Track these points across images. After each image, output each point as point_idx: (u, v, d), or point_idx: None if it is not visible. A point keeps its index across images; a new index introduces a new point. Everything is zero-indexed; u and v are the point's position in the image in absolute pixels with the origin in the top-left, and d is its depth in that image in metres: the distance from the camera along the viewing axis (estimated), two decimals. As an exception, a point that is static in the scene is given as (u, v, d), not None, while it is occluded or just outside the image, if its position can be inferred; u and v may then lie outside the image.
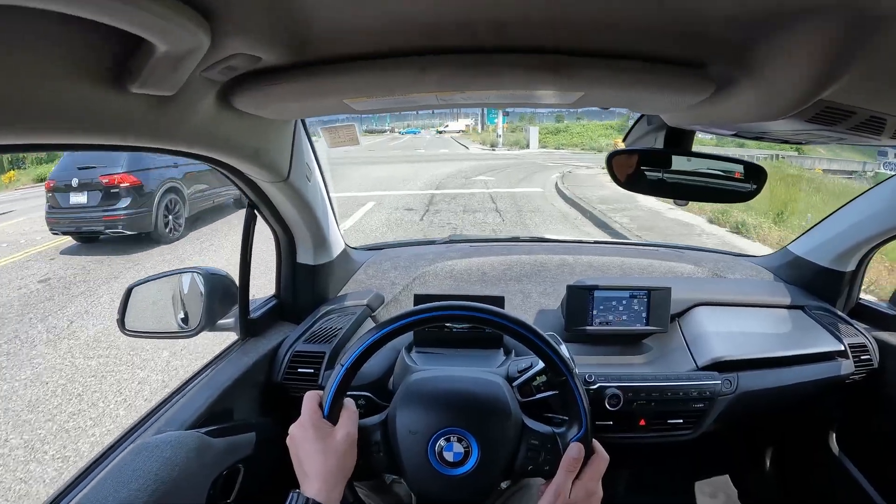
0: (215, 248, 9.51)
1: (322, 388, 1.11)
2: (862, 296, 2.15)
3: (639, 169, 1.34)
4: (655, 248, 2.49)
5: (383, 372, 1.63)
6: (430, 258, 2.15)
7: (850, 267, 2.06)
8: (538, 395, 1.31)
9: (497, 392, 1.13)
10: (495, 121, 39.46)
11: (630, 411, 1.65)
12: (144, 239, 9.89)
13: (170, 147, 0.98)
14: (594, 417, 1.56)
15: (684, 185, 1.35)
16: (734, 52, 0.79)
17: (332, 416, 1.02)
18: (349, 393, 1.10)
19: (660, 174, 1.34)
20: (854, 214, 1.99)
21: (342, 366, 1.02)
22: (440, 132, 62.45)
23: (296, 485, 0.97)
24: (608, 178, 1.35)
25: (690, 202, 1.45)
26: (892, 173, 2.10)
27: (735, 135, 1.18)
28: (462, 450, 1.04)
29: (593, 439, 1.04)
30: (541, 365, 1.38)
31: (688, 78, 0.86)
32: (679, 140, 1.31)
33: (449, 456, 1.04)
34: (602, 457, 1.03)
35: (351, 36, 0.78)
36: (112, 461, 1.17)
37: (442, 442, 1.04)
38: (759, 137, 1.18)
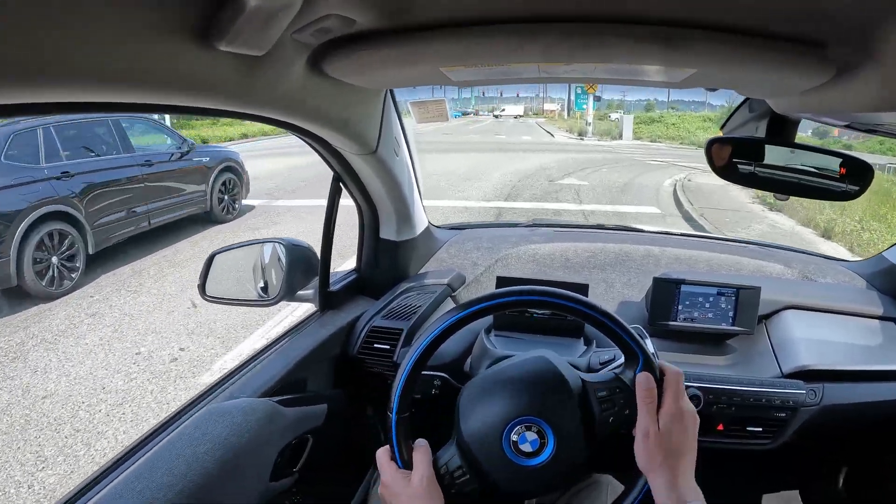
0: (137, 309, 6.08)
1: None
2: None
3: (731, 159, 1.29)
4: (744, 244, 2.40)
5: (461, 351, 1.62)
6: (514, 241, 2.13)
7: None
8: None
9: (546, 365, 1.09)
10: (584, 107, 36.85)
11: (709, 414, 1.60)
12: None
13: (257, 112, 0.99)
14: None
15: (779, 180, 1.29)
16: (859, 34, 0.74)
17: (407, 462, 1.02)
18: (424, 373, 1.09)
19: (751, 167, 1.28)
20: None
21: (391, 412, 1.02)
22: (497, 116, 60.24)
23: (358, 459, 0.97)
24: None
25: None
26: None
27: (847, 126, 1.12)
28: (536, 436, 1.01)
29: (659, 360, 1.04)
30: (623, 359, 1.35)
31: (807, 59, 0.81)
32: (781, 130, 1.27)
33: (526, 447, 1.01)
34: (673, 373, 1.02)
35: (450, 0, 0.76)
36: (183, 423, 1.20)
37: (514, 435, 1.01)
38: (872, 130, 1.12)
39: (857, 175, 1.26)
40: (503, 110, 64.96)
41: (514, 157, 20.33)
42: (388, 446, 1.03)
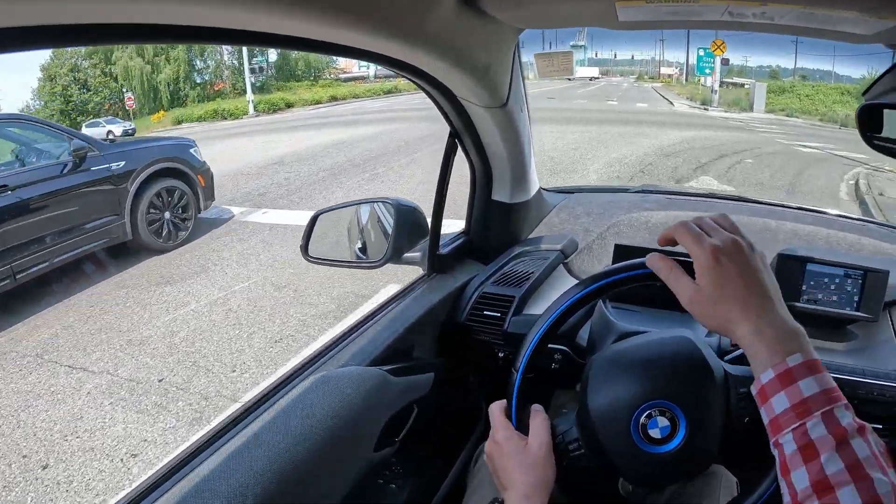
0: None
1: (512, 367, 1.06)
2: None
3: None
4: (865, 223, 2.25)
5: (575, 323, 1.55)
6: (626, 207, 2.08)
7: None
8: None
9: (689, 348, 1.03)
10: (707, 71, 33.22)
11: None
12: None
13: (390, 53, 0.96)
14: None
15: None
16: None
17: (522, 425, 1.00)
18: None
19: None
20: None
21: (517, 371, 1.00)
22: (569, 78, 56.88)
23: (459, 429, 0.96)
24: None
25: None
26: None
27: None
28: (668, 423, 0.95)
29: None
30: None
31: None
32: None
33: (655, 433, 0.95)
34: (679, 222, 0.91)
35: None
36: (294, 388, 1.22)
37: (644, 419, 0.96)
38: None
39: None
40: (576, 71, 61.34)
41: (625, 133, 16.76)
42: (504, 402, 1.03)
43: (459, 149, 1.61)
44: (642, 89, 44.57)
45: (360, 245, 1.71)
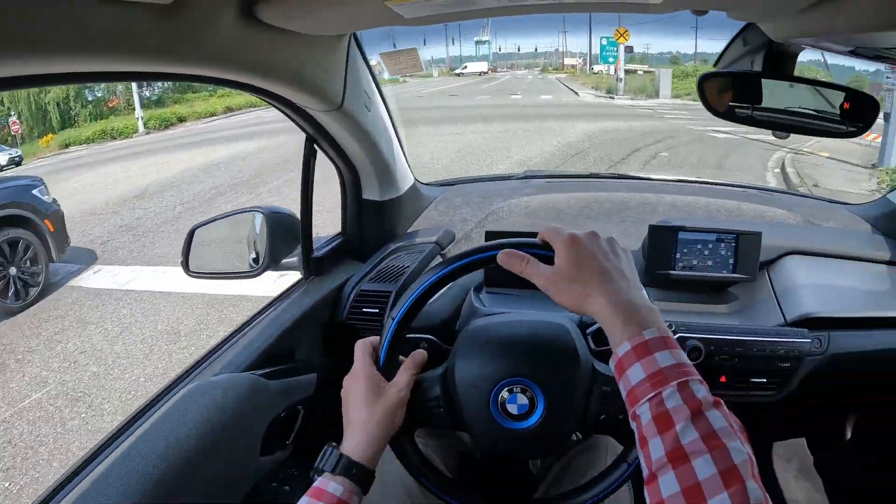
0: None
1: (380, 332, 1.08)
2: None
3: (729, 103, 1.28)
4: (744, 189, 2.35)
5: (450, 313, 1.59)
6: (505, 194, 2.09)
7: None
8: None
9: (562, 335, 1.06)
10: (610, 59, 32.84)
11: (711, 366, 1.56)
12: None
13: (190, 71, 0.94)
14: None
15: (778, 121, 1.28)
16: None
17: (387, 370, 0.99)
18: (410, 335, 1.06)
19: (748, 111, 1.27)
20: None
21: (393, 319, 0.99)
22: (459, 74, 55.44)
23: None
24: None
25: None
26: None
27: (852, 52, 1.05)
28: (527, 401, 0.98)
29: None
30: None
31: None
32: (779, 63, 1.20)
33: (513, 408, 0.98)
34: (547, 228, 0.97)
35: None
36: (169, 400, 1.20)
37: (505, 393, 0.99)
38: (881, 57, 1.06)
39: (860, 111, 1.21)
40: (465, 67, 59.89)
41: (530, 130, 15.89)
42: (373, 339, 1.02)
43: (322, 153, 1.61)
44: (547, 81, 44.74)
45: (245, 255, 1.68)
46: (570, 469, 1.30)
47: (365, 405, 0.95)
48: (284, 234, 1.63)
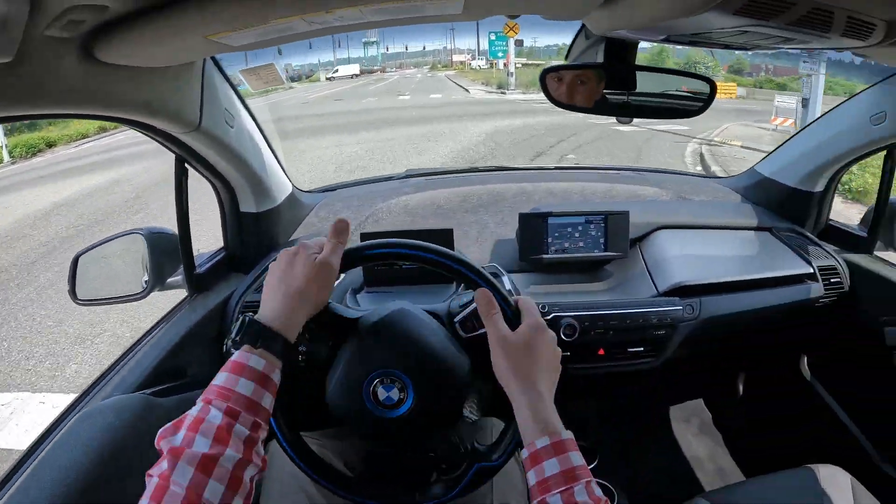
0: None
1: None
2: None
3: (572, 89, 1.33)
4: (618, 171, 2.47)
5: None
6: (385, 195, 2.12)
7: (819, 188, 2.05)
8: (482, 329, 1.28)
9: (432, 328, 1.12)
10: (500, 54, 31.55)
11: (587, 341, 1.65)
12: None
13: (37, 112, 0.94)
14: None
15: (651, 106, 1.36)
16: None
17: (345, 264, 1.03)
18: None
19: (625, 97, 1.32)
20: (822, 132, 1.97)
21: (367, 249, 1.06)
22: (329, 79, 53.03)
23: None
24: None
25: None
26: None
27: (666, 40, 1.13)
28: (397, 391, 1.03)
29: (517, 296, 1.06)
30: None
31: None
32: (619, 53, 1.27)
33: (384, 397, 1.03)
34: (526, 300, 1.03)
35: None
36: (60, 432, 1.19)
37: (378, 383, 1.03)
38: (694, 42, 1.12)
39: (699, 91, 1.32)
40: (336, 71, 57.58)
41: (422, 134, 14.82)
42: (326, 244, 1.04)
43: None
44: (436, 79, 44.31)
45: (126, 278, 1.65)
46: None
47: (297, 275, 0.95)
48: (167, 254, 1.62)
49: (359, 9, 0.83)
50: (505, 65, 31.95)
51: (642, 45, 1.27)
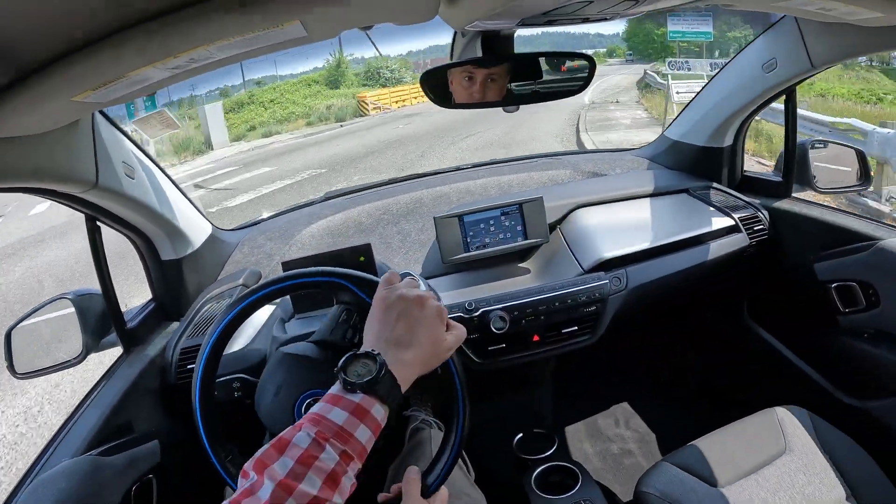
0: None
1: None
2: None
3: (444, 82, 1.35)
4: (532, 160, 2.50)
5: (263, 353, 1.62)
6: (306, 220, 2.13)
7: (728, 142, 2.11)
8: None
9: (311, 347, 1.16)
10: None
11: (520, 330, 1.68)
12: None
13: None
14: (484, 344, 1.60)
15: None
16: None
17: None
18: (220, 378, 1.11)
19: (532, 86, 1.36)
20: (721, 89, 2.03)
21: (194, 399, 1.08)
22: None
23: (215, 486, 0.92)
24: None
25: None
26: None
27: (522, 23, 1.15)
28: None
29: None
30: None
31: None
32: (494, 45, 1.31)
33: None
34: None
35: (46, 38, 0.76)
36: (17, 501, 1.18)
37: (311, 403, 1.07)
38: (551, 21, 1.15)
39: (579, 69, 1.36)
40: None
41: None
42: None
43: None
44: None
45: (61, 345, 1.64)
46: (403, 467, 1.32)
47: (434, 328, 0.91)
48: (97, 314, 1.61)
49: (206, 48, 0.84)
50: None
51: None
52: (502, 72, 1.35)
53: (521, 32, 1.30)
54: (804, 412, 1.57)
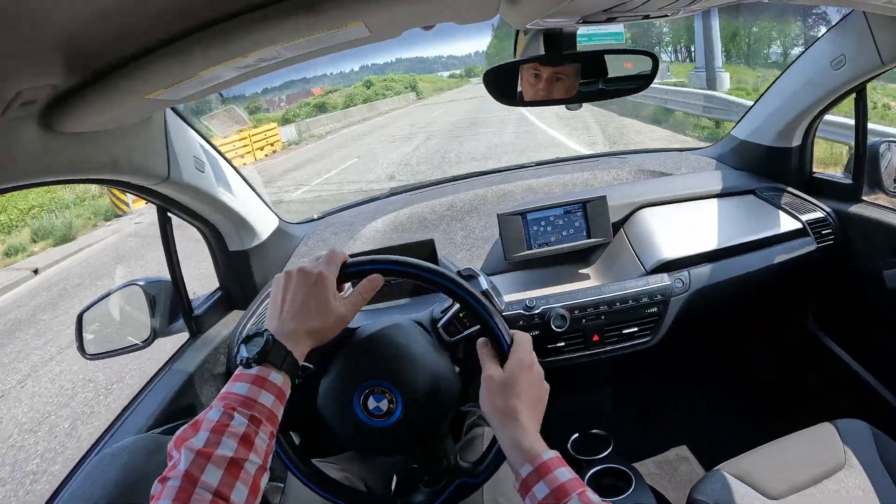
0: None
1: None
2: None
3: (512, 81, 1.37)
4: (595, 159, 2.48)
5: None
6: (371, 215, 2.16)
7: (796, 142, 2.06)
8: (466, 331, 1.24)
9: (418, 338, 1.15)
10: None
11: (580, 329, 1.68)
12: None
13: (5, 185, 1.00)
14: (544, 342, 1.60)
15: (622, 89, 1.39)
16: None
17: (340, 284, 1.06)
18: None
19: (598, 85, 1.36)
20: (788, 87, 1.98)
21: (374, 263, 1.09)
22: None
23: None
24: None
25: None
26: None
27: (583, 21, 1.15)
28: (387, 402, 1.05)
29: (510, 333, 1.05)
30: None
31: None
32: (557, 42, 1.28)
33: (373, 407, 1.05)
34: (521, 336, 1.04)
35: (120, 39, 0.80)
36: (79, 475, 1.23)
37: (368, 393, 1.06)
38: (611, 18, 1.14)
39: (643, 64, 1.36)
40: None
41: None
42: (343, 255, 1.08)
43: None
44: None
45: (130, 329, 1.70)
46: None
47: (314, 295, 0.98)
48: (166, 301, 1.67)
49: (273, 49, 0.88)
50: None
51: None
52: (568, 70, 1.35)
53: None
54: (866, 426, 1.53)
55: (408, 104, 33.60)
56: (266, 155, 20.20)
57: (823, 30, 1.82)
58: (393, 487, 1.24)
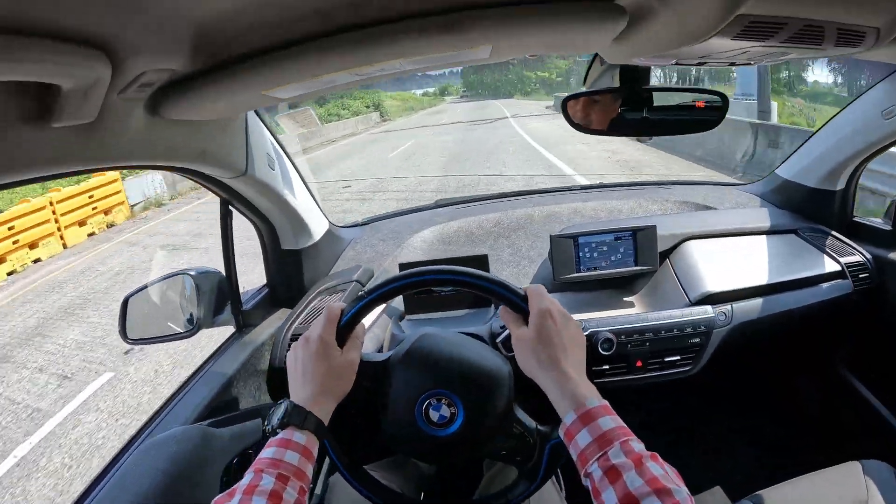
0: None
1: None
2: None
3: (587, 109, 1.40)
4: (642, 187, 2.53)
5: (375, 349, 1.68)
6: (417, 225, 2.19)
7: (840, 185, 2.09)
8: None
9: (479, 350, 1.15)
10: None
11: (625, 353, 1.71)
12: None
13: (111, 165, 1.03)
14: (588, 366, 1.61)
15: (667, 122, 1.40)
16: None
17: (342, 338, 1.06)
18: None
19: (641, 114, 1.36)
20: (837, 131, 2.02)
21: (366, 295, 1.07)
22: None
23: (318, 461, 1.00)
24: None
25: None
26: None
27: (677, 63, 1.18)
28: (448, 412, 1.06)
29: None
30: None
31: (597, 13, 0.86)
32: (633, 75, 1.33)
33: (435, 417, 1.06)
34: (533, 288, 1.04)
35: (250, 33, 0.83)
36: (125, 461, 1.26)
37: (432, 402, 1.07)
38: (702, 63, 1.18)
39: (713, 105, 1.38)
40: None
41: None
42: (341, 306, 1.08)
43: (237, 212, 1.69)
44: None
45: (180, 316, 1.72)
46: (503, 470, 1.40)
47: (319, 366, 1.01)
48: (214, 293, 1.69)
49: (398, 60, 0.90)
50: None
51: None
52: (635, 102, 1.37)
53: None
54: (890, 469, 1.55)
55: (367, 128, 28.49)
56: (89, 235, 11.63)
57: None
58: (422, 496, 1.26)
